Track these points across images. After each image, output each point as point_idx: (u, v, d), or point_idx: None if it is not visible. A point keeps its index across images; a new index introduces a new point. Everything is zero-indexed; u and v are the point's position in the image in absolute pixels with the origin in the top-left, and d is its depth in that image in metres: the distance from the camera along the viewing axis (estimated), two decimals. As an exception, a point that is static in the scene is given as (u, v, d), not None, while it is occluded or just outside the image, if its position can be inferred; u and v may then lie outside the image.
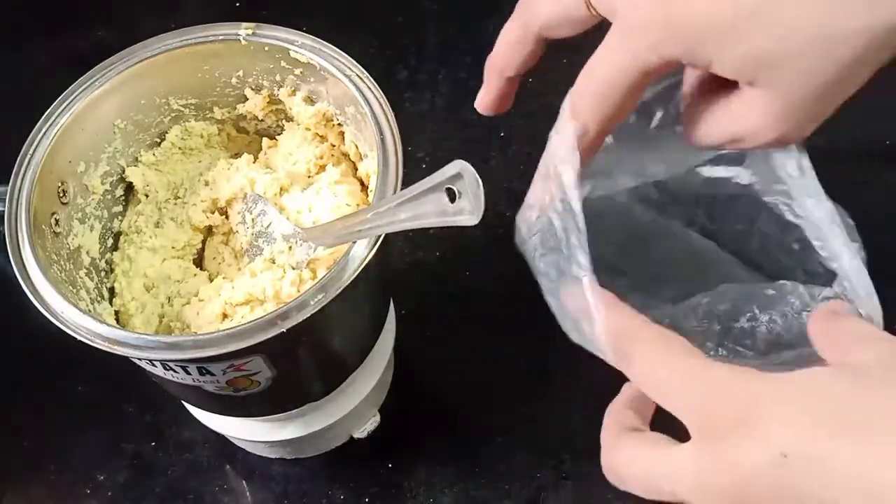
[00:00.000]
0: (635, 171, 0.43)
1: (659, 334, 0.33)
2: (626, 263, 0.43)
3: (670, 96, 0.39)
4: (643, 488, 0.33)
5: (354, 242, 0.42)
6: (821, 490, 0.27)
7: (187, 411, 0.56)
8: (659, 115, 0.40)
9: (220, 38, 0.50)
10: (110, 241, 0.53)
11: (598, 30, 0.36)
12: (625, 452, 0.34)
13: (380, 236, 0.42)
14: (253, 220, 0.51)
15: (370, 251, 0.41)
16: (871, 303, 0.35)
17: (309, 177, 0.54)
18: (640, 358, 0.32)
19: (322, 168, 0.53)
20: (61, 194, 0.48)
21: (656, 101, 0.40)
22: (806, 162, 0.37)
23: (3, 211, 0.45)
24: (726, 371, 0.30)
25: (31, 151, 0.46)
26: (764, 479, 0.28)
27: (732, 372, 0.30)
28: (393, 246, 0.67)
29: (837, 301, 0.36)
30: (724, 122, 0.35)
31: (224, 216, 0.54)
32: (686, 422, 0.31)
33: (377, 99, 0.47)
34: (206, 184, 0.55)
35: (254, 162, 0.55)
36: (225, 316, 0.47)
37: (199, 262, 0.55)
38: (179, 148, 0.55)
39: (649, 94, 0.39)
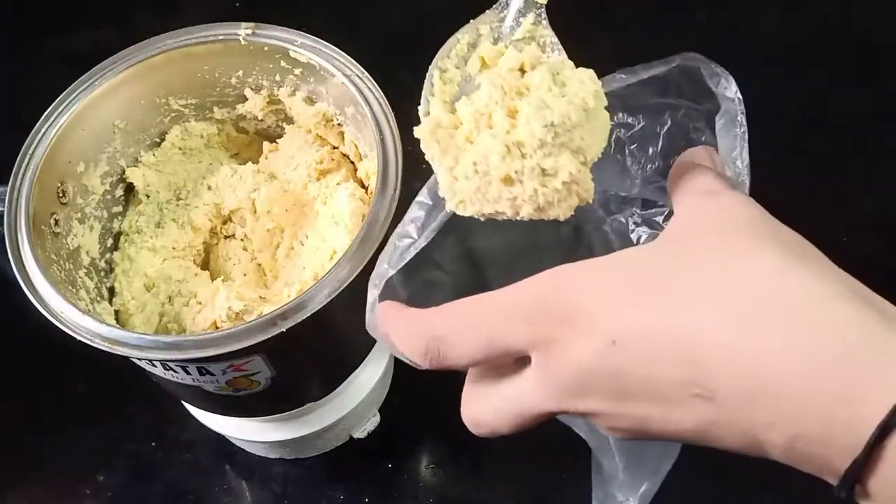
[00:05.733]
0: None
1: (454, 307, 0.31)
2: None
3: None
4: (497, 424, 0.33)
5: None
6: (651, 368, 0.26)
7: (187, 411, 0.56)
8: None
9: (220, 38, 0.50)
10: (110, 242, 0.53)
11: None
12: (476, 400, 0.33)
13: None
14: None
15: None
16: (735, 164, 0.32)
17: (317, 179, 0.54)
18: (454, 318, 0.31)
19: (323, 173, 0.53)
20: (61, 194, 0.48)
21: None
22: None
23: (3, 211, 0.45)
24: (543, 277, 0.29)
25: (31, 151, 0.46)
26: (600, 369, 0.27)
27: (548, 276, 0.29)
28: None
29: (701, 148, 0.34)
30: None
31: (228, 222, 0.54)
32: (525, 346, 0.29)
33: (377, 99, 0.47)
34: (209, 188, 0.55)
35: (254, 164, 0.55)
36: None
37: (203, 263, 0.55)
38: (179, 148, 0.55)
39: None
